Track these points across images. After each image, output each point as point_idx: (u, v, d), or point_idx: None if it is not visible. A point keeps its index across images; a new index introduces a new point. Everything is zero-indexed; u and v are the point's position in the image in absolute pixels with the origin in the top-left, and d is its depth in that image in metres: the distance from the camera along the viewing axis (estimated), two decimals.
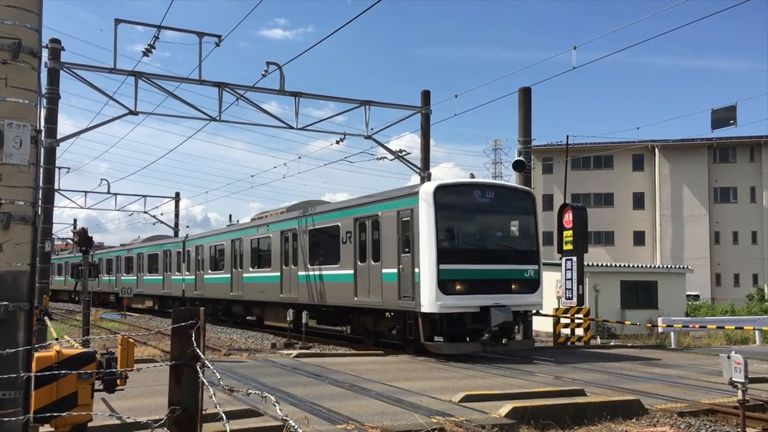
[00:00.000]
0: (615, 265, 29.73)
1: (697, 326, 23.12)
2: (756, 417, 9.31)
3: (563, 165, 35.38)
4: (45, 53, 18.75)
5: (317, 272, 20.74)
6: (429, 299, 15.23)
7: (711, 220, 56.10)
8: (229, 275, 27.38)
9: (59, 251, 64.74)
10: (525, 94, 22.15)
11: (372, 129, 23.93)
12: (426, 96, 25.16)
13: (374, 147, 25.87)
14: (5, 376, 4.22)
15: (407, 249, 16.19)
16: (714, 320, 25.46)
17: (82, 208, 49.27)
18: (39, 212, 4.85)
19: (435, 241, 15.40)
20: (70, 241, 55.95)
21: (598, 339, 22.57)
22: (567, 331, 21.05)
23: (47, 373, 5.06)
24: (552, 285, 21.54)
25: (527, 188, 18.85)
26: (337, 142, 24.51)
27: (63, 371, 5.04)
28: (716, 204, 56.58)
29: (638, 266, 29.49)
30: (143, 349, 18.79)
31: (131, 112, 20.23)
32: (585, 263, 22.07)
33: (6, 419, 4.17)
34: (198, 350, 3.30)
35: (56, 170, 24.83)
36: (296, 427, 2.21)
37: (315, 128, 24.09)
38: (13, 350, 4.29)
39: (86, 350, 5.53)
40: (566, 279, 21.44)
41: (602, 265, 27.92)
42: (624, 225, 57.50)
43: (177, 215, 50.22)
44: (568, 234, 21.42)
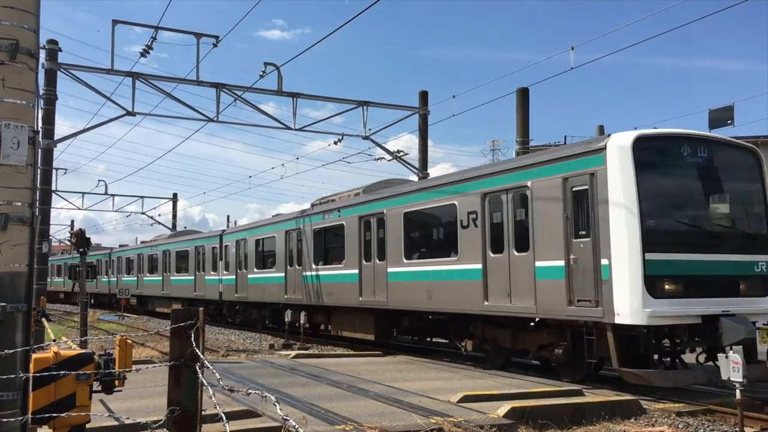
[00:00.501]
0: None
1: None
2: (754, 416, 9.31)
3: None
4: (42, 54, 18.73)
5: (418, 268, 16.44)
6: (629, 305, 10.72)
7: None
8: (283, 274, 22.83)
9: (62, 252, 63.90)
10: (523, 95, 22.17)
11: (370, 130, 23.98)
12: (424, 96, 25.17)
13: (372, 148, 25.91)
14: (3, 377, 4.22)
15: (583, 232, 11.83)
16: None
17: (80, 210, 49.17)
18: (36, 213, 4.85)
19: (638, 219, 10.89)
20: (67, 242, 55.78)
21: None
22: None
23: (45, 374, 5.06)
24: None
25: (750, 145, 12.93)
26: (335, 143, 24.53)
27: (61, 372, 5.04)
28: None
29: None
30: (141, 351, 18.77)
31: (129, 113, 20.22)
32: None
33: (4, 420, 4.16)
34: (197, 350, 3.30)
35: (53, 171, 24.82)
36: (297, 427, 2.20)
37: (313, 129, 24.14)
38: (11, 351, 4.29)
39: (84, 351, 5.52)
40: None
41: None
42: None
43: (174, 216, 50.29)
44: None
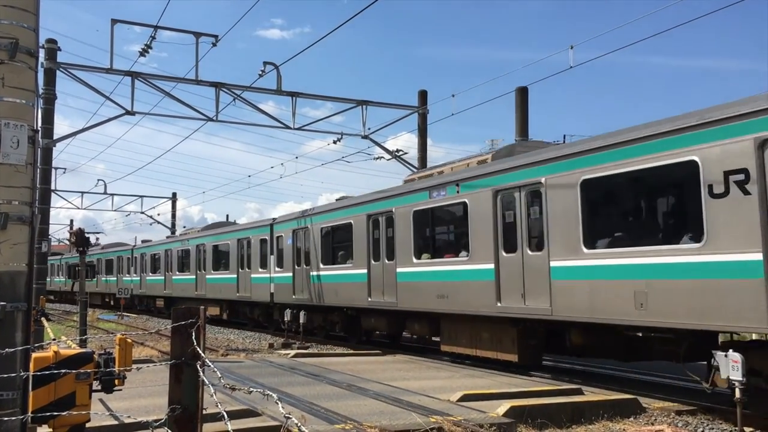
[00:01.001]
0: None
1: None
2: (753, 415, 9.31)
3: None
4: (41, 53, 18.72)
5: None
6: None
7: None
8: (365, 270, 17.50)
9: (68, 250, 62.48)
10: (522, 94, 22.18)
11: (369, 129, 24.00)
12: (423, 96, 25.18)
13: (371, 147, 25.92)
14: (3, 376, 4.21)
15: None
16: None
17: (79, 209, 49.11)
18: (36, 212, 4.85)
19: None
20: (67, 242, 55.65)
21: None
22: None
23: (45, 373, 5.06)
24: None
25: None
26: (334, 142, 24.53)
27: (61, 371, 5.04)
28: None
29: None
30: (140, 350, 18.76)
31: (128, 113, 20.22)
32: None
33: (4, 419, 4.16)
34: (198, 349, 3.30)
35: (53, 171, 24.81)
36: (299, 425, 2.20)
37: (312, 128, 24.15)
38: (11, 350, 4.29)
39: (84, 350, 5.53)
40: None
41: None
42: None
43: (174, 215, 50.28)
44: None
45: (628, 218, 11.31)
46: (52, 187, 26.75)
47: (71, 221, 70.58)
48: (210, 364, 3.35)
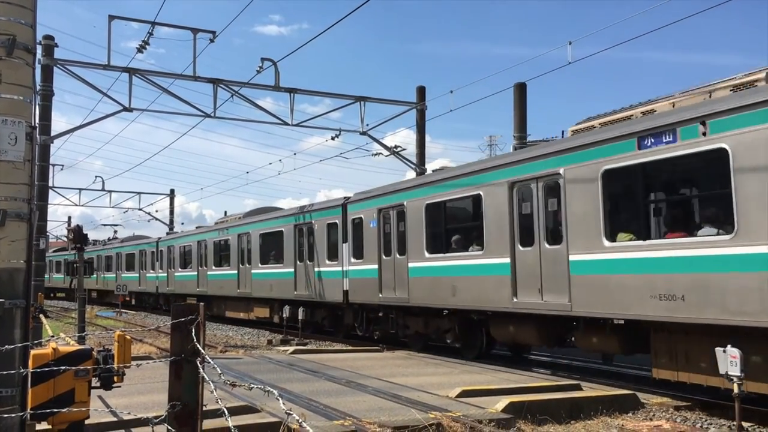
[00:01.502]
0: None
1: None
2: (752, 410, 9.33)
3: None
4: (39, 50, 18.68)
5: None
6: None
7: None
8: (509, 259, 12.82)
9: (109, 240, 58.65)
10: (520, 90, 22.15)
11: (367, 125, 23.96)
12: (421, 92, 25.14)
13: (369, 143, 25.97)
14: (2, 374, 4.21)
15: None
16: None
17: (77, 206, 49.04)
18: (34, 209, 4.84)
19: None
20: (65, 239, 55.35)
21: None
22: None
23: (44, 370, 5.05)
24: None
25: None
26: (333, 138, 24.53)
27: (60, 368, 5.03)
28: None
29: None
30: (139, 347, 18.76)
31: (125, 109, 20.18)
32: None
33: (3, 416, 4.16)
34: (198, 345, 3.30)
35: (50, 167, 24.77)
36: (300, 421, 2.20)
37: (310, 124, 24.13)
38: (10, 347, 4.28)
39: (83, 347, 5.53)
40: None
41: None
42: None
43: (172, 212, 50.17)
44: None
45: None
46: (50, 184, 26.70)
47: (69, 218, 70.45)
48: (210, 361, 3.35)
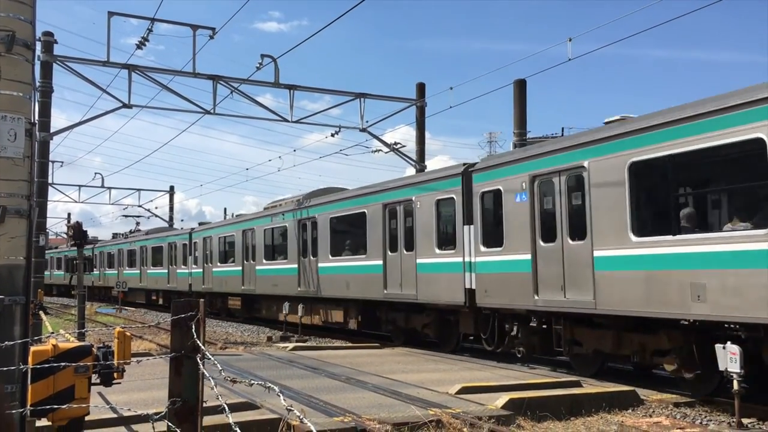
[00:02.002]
0: None
1: None
2: (751, 407, 9.34)
3: None
4: (38, 46, 18.65)
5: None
6: None
7: None
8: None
9: (130, 233, 50.96)
10: (520, 86, 22.12)
11: (367, 122, 23.95)
12: (421, 88, 25.12)
13: (369, 140, 25.90)
14: (2, 370, 4.21)
15: None
16: None
17: (76, 202, 49.00)
18: (34, 206, 4.83)
19: None
20: (64, 235, 55.17)
21: None
22: None
23: (44, 366, 5.05)
24: None
25: None
26: (332, 135, 24.48)
27: (60, 365, 5.03)
28: None
29: None
30: (139, 343, 18.78)
31: (125, 105, 20.17)
32: None
33: (4, 413, 4.16)
34: (198, 342, 3.30)
35: (50, 164, 24.76)
36: (301, 417, 2.20)
37: (310, 121, 24.10)
38: (10, 344, 4.28)
39: (83, 344, 5.51)
40: None
41: None
42: None
43: (171, 209, 50.16)
44: None
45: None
46: (50, 181, 26.67)
47: (69, 215, 70.43)
48: (210, 357, 3.35)
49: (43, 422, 5.43)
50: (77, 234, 17.93)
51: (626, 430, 8.29)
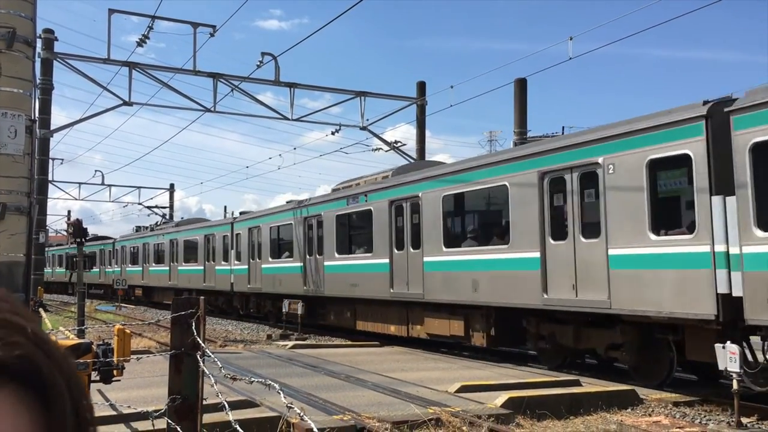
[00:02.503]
0: None
1: None
2: (750, 406, 9.35)
3: None
4: (38, 43, 18.64)
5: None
6: None
7: None
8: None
9: (153, 226, 44.74)
10: (521, 85, 22.13)
11: (367, 120, 23.98)
12: (422, 87, 25.13)
13: (369, 138, 25.90)
14: None
15: None
16: None
17: (76, 200, 48.97)
18: (34, 203, 4.83)
19: None
20: (64, 233, 55.09)
21: None
22: None
23: None
24: None
25: None
26: (333, 133, 24.51)
27: None
28: None
29: None
30: (138, 341, 18.77)
31: (125, 103, 20.17)
32: None
33: None
34: (198, 339, 3.30)
35: (50, 161, 24.77)
36: (302, 414, 2.20)
37: (310, 119, 24.12)
38: None
39: (82, 341, 5.51)
40: None
41: None
42: None
43: (171, 206, 50.18)
44: None
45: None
46: (50, 178, 26.69)
47: (69, 212, 70.44)
48: (210, 355, 3.35)
49: None
50: (77, 231, 17.93)
51: (625, 429, 8.29)
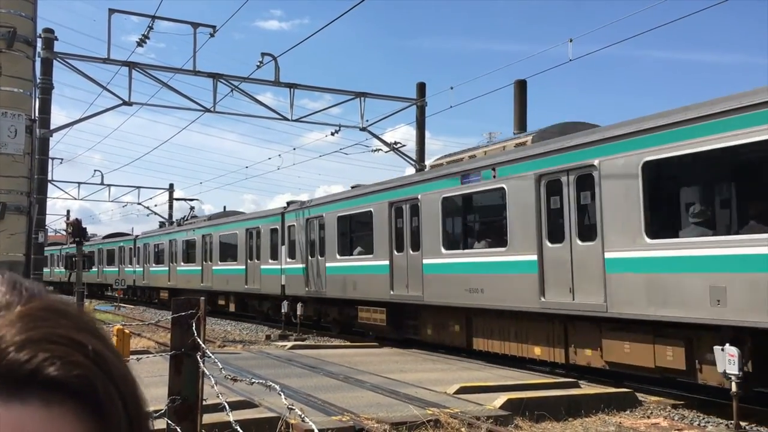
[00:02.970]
0: None
1: None
2: (749, 408, 9.35)
3: None
4: (38, 43, 18.61)
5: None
6: None
7: None
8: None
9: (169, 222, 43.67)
10: (520, 87, 22.11)
11: (367, 121, 23.95)
12: (421, 88, 25.11)
13: (369, 139, 25.88)
14: None
15: None
16: None
17: (76, 200, 48.91)
18: (33, 202, 4.83)
19: None
20: (63, 232, 55.00)
21: None
22: None
23: None
24: None
25: None
26: (332, 134, 24.47)
27: None
28: None
29: None
30: (137, 341, 18.75)
31: (125, 103, 20.15)
32: None
33: None
34: (198, 340, 3.30)
35: (50, 161, 24.75)
36: (302, 416, 2.20)
37: (310, 120, 24.09)
38: None
39: None
40: None
41: None
42: None
43: (171, 206, 50.08)
44: None
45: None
46: (49, 178, 26.66)
47: (68, 212, 70.38)
48: (210, 355, 3.35)
49: None
50: (77, 231, 17.92)
51: (624, 431, 8.29)
